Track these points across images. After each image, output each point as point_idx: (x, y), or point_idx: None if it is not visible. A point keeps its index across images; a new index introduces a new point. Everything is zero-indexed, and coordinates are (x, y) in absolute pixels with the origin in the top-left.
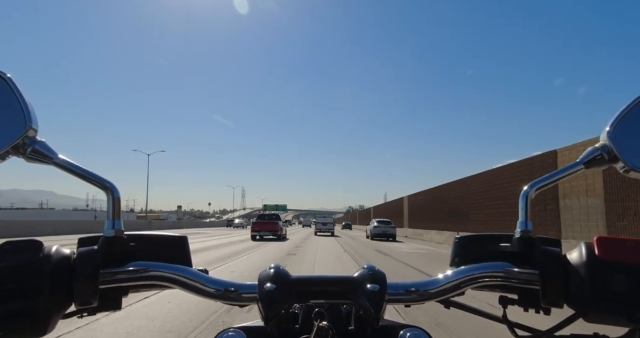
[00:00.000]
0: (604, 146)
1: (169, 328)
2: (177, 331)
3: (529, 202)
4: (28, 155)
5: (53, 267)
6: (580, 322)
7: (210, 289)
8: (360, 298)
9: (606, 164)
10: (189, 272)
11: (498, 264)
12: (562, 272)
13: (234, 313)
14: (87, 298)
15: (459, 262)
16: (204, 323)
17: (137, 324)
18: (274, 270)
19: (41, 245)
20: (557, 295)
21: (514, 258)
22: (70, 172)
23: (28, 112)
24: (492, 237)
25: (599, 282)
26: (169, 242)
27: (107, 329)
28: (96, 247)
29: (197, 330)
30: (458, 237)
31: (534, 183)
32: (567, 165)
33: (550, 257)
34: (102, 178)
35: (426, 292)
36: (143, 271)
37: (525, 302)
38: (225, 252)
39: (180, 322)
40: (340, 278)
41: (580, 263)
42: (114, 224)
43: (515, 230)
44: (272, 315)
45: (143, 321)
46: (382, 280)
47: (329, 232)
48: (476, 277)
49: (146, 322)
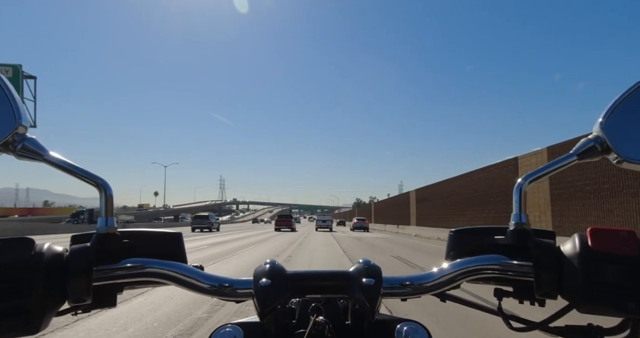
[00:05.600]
0: (597, 137)
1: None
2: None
3: (523, 195)
4: (18, 152)
5: (46, 264)
6: (575, 313)
7: (205, 285)
8: (356, 293)
9: (599, 155)
10: (183, 268)
11: (493, 257)
12: (555, 264)
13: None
14: (81, 295)
15: (454, 255)
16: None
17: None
18: (270, 265)
19: (33, 243)
20: (551, 287)
21: (509, 251)
22: (61, 168)
23: (18, 109)
24: (486, 230)
25: (592, 273)
26: (163, 238)
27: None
28: (89, 244)
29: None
30: (453, 230)
31: (528, 176)
32: (560, 157)
33: (544, 249)
34: (94, 175)
35: (421, 286)
36: (137, 267)
37: (520, 294)
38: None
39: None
40: (336, 272)
41: (574, 255)
42: (106, 221)
43: (509, 222)
44: (268, 311)
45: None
46: (377, 274)
47: (328, 228)
48: (471, 270)
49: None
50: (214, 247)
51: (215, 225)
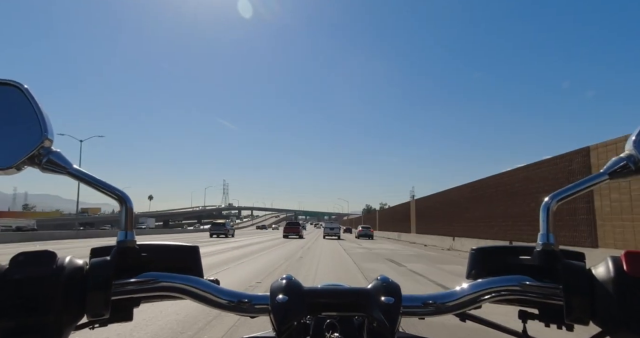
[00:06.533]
0: (629, 156)
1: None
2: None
3: (551, 214)
4: (43, 166)
5: (66, 279)
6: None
7: (222, 300)
8: (375, 311)
9: (633, 174)
10: (200, 282)
11: (518, 277)
12: (587, 288)
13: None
14: (99, 310)
15: (476, 275)
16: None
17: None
18: (286, 281)
19: (55, 256)
20: (583, 312)
21: (533, 272)
22: (84, 182)
23: (44, 122)
24: (510, 249)
25: (629, 299)
26: (180, 251)
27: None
28: (109, 258)
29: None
30: (475, 248)
31: (556, 195)
32: (590, 176)
33: (575, 272)
34: (115, 188)
35: (443, 305)
36: (154, 282)
37: (547, 317)
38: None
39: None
40: (354, 290)
41: (608, 279)
42: (126, 235)
43: (536, 242)
44: (285, 328)
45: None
46: (397, 292)
47: (336, 236)
48: (495, 291)
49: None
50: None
51: (231, 231)
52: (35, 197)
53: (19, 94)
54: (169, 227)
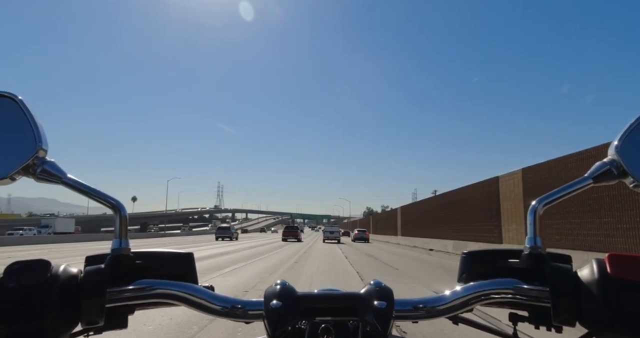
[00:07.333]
0: (612, 161)
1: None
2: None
3: (538, 218)
4: (38, 176)
5: (60, 287)
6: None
7: (216, 306)
8: (368, 315)
9: (615, 178)
10: (194, 289)
11: (507, 281)
12: (573, 290)
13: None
14: (94, 317)
15: (467, 278)
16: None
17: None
18: (280, 286)
19: (49, 265)
20: (570, 314)
21: (522, 275)
22: (79, 191)
23: (38, 132)
24: (500, 253)
25: (613, 301)
26: (175, 258)
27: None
28: (103, 265)
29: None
30: (465, 252)
31: (542, 199)
32: (575, 180)
33: (561, 274)
34: (109, 196)
35: (434, 309)
36: (149, 289)
37: (536, 320)
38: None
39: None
40: (347, 294)
41: (592, 281)
42: (121, 242)
43: (524, 245)
44: (279, 333)
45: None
46: (389, 296)
47: (336, 240)
48: (485, 294)
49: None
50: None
51: (235, 235)
52: (32, 200)
53: (14, 105)
54: (145, 232)
